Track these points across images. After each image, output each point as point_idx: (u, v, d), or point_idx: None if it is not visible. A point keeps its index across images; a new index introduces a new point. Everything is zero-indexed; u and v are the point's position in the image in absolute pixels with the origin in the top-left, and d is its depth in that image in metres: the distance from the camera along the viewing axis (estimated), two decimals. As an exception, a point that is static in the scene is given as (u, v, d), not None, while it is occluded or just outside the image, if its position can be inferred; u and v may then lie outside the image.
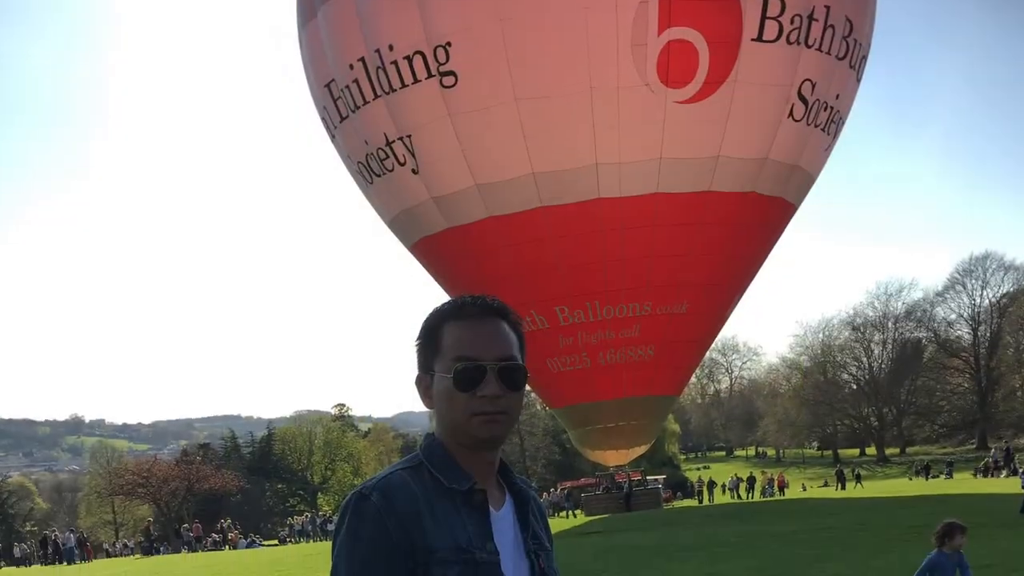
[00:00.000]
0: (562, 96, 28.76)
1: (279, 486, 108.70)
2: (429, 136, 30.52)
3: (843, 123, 34.11)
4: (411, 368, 2.85)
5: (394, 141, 31.36)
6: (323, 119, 34.73)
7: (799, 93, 30.55)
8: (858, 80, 33.58)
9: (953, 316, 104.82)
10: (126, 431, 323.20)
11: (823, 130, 32.40)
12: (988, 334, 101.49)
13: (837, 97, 32.15)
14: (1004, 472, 57.56)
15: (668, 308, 33.78)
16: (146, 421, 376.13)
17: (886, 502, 38.07)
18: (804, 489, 74.94)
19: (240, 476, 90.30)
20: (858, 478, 70.64)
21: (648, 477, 62.57)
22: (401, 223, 34.69)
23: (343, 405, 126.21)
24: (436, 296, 44.83)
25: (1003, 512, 26.63)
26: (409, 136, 30.93)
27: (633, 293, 32.97)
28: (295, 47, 35.25)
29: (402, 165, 31.73)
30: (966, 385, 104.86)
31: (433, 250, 34.72)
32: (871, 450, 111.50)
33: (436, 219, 32.80)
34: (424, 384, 2.82)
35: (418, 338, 2.83)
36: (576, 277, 32.53)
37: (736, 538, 26.29)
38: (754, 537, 26.23)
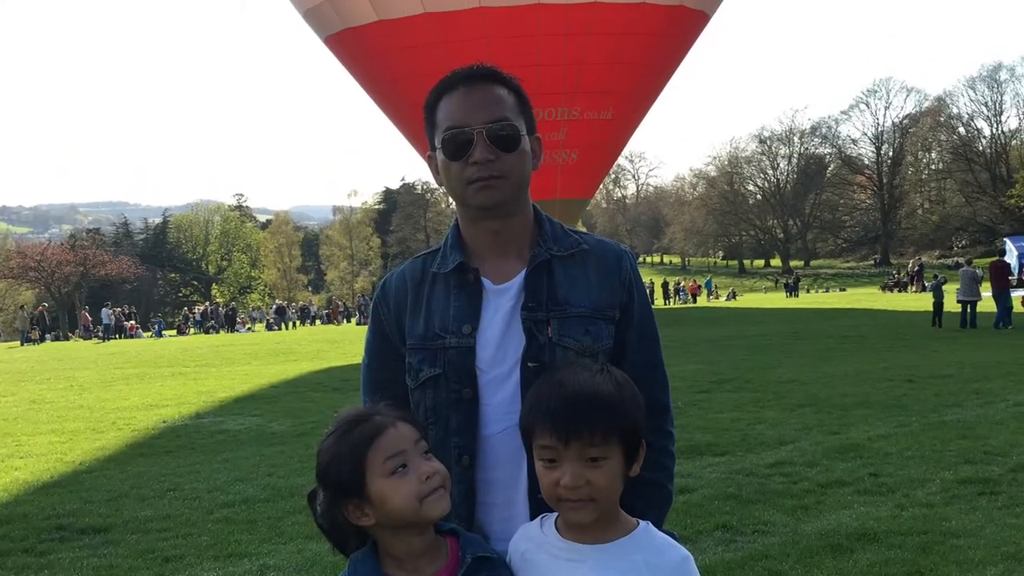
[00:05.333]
0: None
1: (172, 276, 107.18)
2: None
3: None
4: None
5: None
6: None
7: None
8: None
9: (857, 134, 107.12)
10: (5, 213, 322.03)
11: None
12: (891, 153, 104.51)
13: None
14: (914, 287, 58.78)
15: (595, 114, 34.91)
16: (27, 204, 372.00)
17: (809, 313, 38.67)
18: (734, 297, 74.71)
19: (137, 263, 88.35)
20: (792, 287, 72.41)
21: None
22: (312, 18, 35.03)
23: (241, 195, 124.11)
24: (350, 89, 43.40)
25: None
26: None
27: (565, 97, 33.41)
28: None
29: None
30: (869, 202, 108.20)
31: (342, 48, 34.71)
32: (776, 261, 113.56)
33: (334, 19, 32.90)
34: (432, 163, 2.76)
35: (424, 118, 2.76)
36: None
37: (671, 342, 26.02)
38: (690, 343, 26.15)
